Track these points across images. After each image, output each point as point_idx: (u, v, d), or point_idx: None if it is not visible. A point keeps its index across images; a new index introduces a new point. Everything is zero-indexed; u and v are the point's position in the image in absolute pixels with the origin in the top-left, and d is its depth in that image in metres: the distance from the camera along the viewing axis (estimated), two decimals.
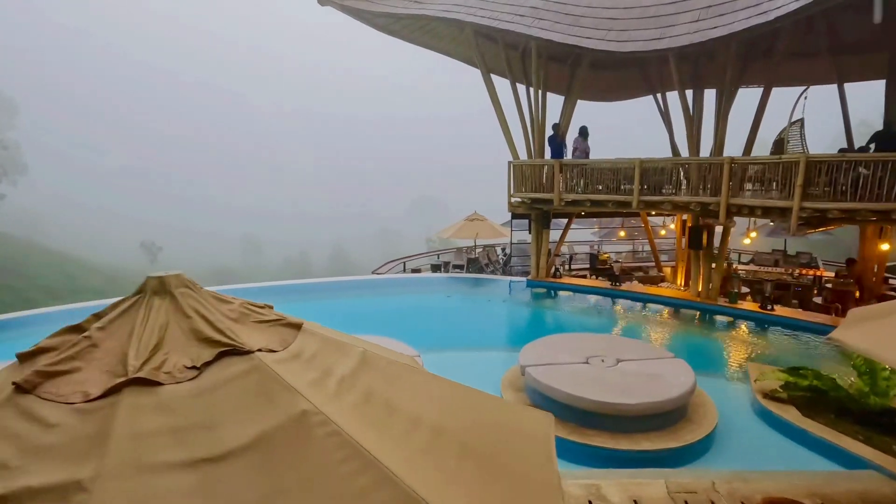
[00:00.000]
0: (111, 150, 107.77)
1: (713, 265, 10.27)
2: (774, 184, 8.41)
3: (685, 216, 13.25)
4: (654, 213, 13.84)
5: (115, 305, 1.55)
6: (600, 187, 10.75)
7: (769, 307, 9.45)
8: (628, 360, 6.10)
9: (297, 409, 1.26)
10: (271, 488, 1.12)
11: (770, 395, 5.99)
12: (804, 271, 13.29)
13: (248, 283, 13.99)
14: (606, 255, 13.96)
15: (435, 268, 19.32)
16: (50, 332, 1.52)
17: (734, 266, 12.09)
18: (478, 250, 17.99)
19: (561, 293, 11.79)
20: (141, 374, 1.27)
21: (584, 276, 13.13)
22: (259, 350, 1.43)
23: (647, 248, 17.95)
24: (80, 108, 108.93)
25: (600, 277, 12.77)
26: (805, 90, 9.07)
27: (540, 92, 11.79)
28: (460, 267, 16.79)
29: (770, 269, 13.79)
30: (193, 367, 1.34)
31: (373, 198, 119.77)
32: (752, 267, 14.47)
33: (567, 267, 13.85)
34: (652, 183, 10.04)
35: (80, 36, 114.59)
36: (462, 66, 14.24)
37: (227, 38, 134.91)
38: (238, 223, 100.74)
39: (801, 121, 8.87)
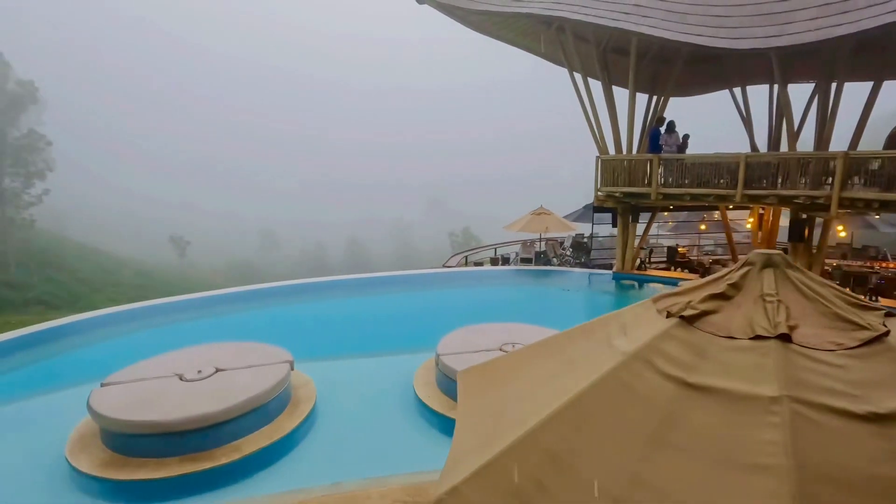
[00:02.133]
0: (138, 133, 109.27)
1: (812, 257, 10.51)
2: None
3: (762, 210, 13.53)
4: (731, 206, 14.03)
5: (731, 271, 1.87)
6: (686, 181, 11.02)
7: (874, 298, 9.68)
8: None
9: None
10: None
11: None
12: (882, 264, 13.49)
13: (321, 277, 13.51)
14: (685, 249, 14.22)
15: (493, 261, 19.66)
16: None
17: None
18: (542, 244, 18.29)
19: (652, 285, 12.07)
20: (783, 331, 1.56)
21: (666, 269, 13.38)
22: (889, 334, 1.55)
23: (707, 241, 18.22)
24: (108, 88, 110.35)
25: (684, 270, 13.03)
26: None
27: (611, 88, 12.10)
28: (528, 260, 17.10)
29: (842, 262, 13.99)
30: (835, 343, 1.56)
31: (383, 190, 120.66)
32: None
33: (648, 260, 14.12)
34: (755, 177, 10.27)
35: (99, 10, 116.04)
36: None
37: (255, 14, 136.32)
38: (253, 211, 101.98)
39: None
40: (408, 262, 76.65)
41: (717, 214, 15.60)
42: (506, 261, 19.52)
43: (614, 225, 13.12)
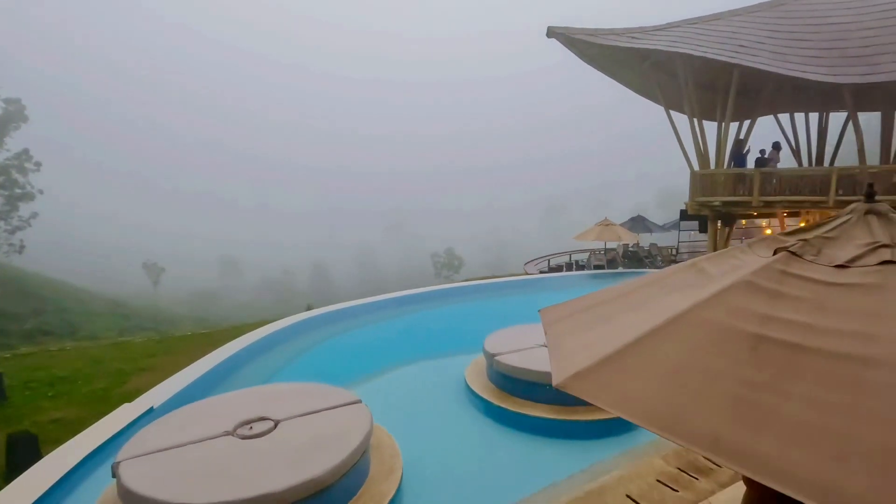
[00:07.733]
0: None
1: None
2: None
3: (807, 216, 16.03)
4: (784, 212, 16.45)
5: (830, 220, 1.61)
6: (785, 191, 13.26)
7: None
8: None
9: None
10: None
11: None
12: None
13: (433, 286, 13.18)
14: None
15: (558, 268, 21.34)
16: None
17: None
18: (607, 251, 20.18)
19: None
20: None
21: None
22: None
23: None
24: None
25: None
26: None
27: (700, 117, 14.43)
28: (600, 266, 18.81)
29: None
30: None
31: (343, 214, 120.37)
32: None
33: None
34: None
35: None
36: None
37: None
38: (213, 235, 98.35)
39: None
40: (377, 286, 76.25)
41: (763, 222, 18.16)
42: (559, 269, 21.24)
43: (702, 230, 15.13)
